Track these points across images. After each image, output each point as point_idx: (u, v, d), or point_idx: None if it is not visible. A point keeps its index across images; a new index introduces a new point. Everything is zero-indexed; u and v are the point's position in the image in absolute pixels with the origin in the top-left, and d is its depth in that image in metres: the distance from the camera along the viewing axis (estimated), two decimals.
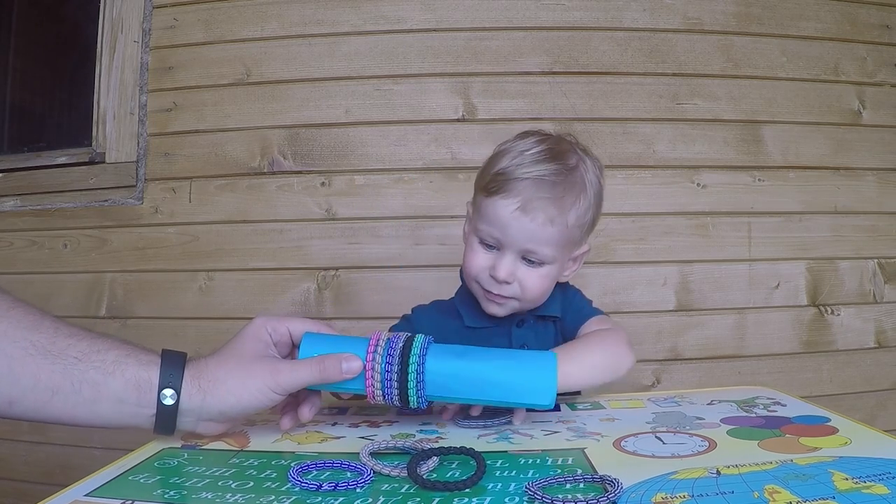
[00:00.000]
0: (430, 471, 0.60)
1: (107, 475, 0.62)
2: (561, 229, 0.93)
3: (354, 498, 0.54)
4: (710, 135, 1.70)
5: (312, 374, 0.69)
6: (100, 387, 0.63)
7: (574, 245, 0.99)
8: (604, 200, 1.02)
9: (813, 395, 1.65)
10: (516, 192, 0.93)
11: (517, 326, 1.03)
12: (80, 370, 0.63)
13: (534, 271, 0.95)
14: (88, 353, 0.64)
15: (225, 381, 0.67)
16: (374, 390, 0.71)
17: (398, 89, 1.69)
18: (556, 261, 0.96)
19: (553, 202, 0.92)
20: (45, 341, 0.63)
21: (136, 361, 0.65)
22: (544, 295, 0.99)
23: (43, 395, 0.62)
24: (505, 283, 0.95)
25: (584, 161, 0.99)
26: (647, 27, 1.69)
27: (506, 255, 0.95)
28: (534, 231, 0.93)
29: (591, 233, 1.03)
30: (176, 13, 1.74)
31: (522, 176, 0.93)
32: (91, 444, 1.71)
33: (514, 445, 0.69)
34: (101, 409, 0.64)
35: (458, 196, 1.66)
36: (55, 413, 0.64)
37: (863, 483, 0.52)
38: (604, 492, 0.52)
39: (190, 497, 0.56)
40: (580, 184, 0.96)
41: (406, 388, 0.71)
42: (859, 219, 1.72)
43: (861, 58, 1.74)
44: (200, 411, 0.67)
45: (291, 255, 1.68)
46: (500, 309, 0.99)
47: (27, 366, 0.62)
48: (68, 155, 1.81)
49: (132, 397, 0.65)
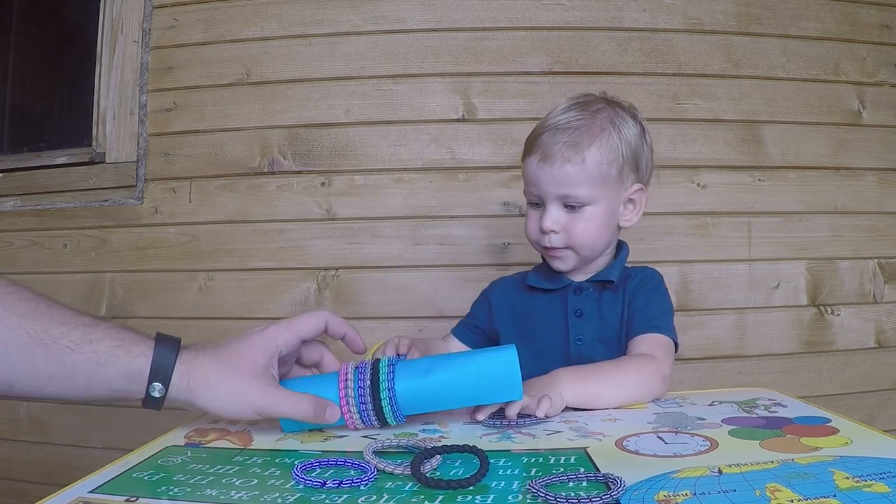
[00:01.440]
0: (433, 469, 0.60)
1: (110, 472, 0.62)
2: (580, 167, 0.98)
3: (358, 496, 0.54)
4: (710, 135, 1.70)
5: (297, 411, 0.70)
6: (92, 375, 0.65)
7: (614, 184, 1.01)
8: (651, 144, 1.06)
9: (813, 395, 1.65)
10: (538, 146, 1.00)
11: (574, 294, 1.05)
12: (73, 360, 0.64)
13: (577, 216, 1.00)
14: (81, 342, 0.65)
15: (213, 386, 0.68)
16: (352, 418, 0.73)
17: (398, 89, 1.69)
18: (597, 201, 1.00)
19: (568, 144, 0.98)
20: (39, 329, 0.64)
21: (128, 354, 0.66)
22: (596, 239, 1.02)
23: (39, 380, 0.64)
24: (552, 232, 1.00)
25: (612, 107, 1.04)
26: (647, 27, 1.70)
27: (548, 207, 1.01)
28: (556, 174, 0.98)
29: (639, 172, 1.04)
30: (176, 13, 1.74)
31: (543, 130, 1.01)
32: (91, 444, 1.72)
33: (516, 445, 0.69)
34: (93, 392, 0.66)
35: (458, 196, 1.66)
36: (52, 394, 0.66)
37: (864, 482, 0.52)
38: (606, 490, 0.52)
39: (194, 494, 0.56)
40: (601, 124, 1.00)
41: (381, 411, 0.73)
42: (859, 219, 1.72)
43: (861, 58, 1.74)
44: (184, 405, 0.69)
45: (291, 255, 1.69)
46: (561, 263, 1.04)
47: (23, 353, 0.64)
48: (68, 155, 1.81)
49: (123, 386, 0.66)
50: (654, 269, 1.10)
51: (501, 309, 1.12)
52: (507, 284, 1.16)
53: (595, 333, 1.03)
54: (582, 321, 1.04)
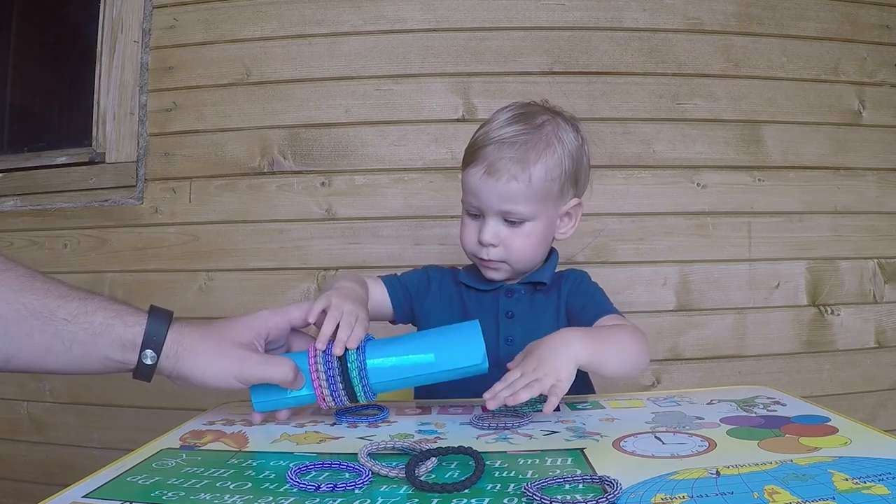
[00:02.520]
0: (428, 471, 0.60)
1: (105, 476, 0.62)
2: (526, 184, 0.97)
3: (353, 499, 0.54)
4: (710, 135, 1.69)
5: (277, 374, 0.73)
6: (88, 347, 0.68)
7: (555, 199, 1.01)
8: (588, 157, 1.06)
9: (813, 395, 1.64)
10: (483, 158, 0.98)
11: (506, 295, 1.06)
12: (71, 332, 0.67)
13: (517, 231, 1.00)
14: (77, 314, 0.67)
15: (198, 355, 0.71)
16: (322, 391, 0.75)
17: (398, 89, 1.69)
18: (538, 217, 0.99)
19: (515, 161, 0.97)
20: (36, 303, 0.66)
21: (123, 323, 0.69)
22: (533, 254, 1.02)
23: (37, 353, 0.67)
24: (491, 245, 1.00)
25: (555, 120, 1.02)
26: (647, 27, 1.69)
27: (487, 220, 1.00)
28: (500, 190, 0.97)
29: (577, 186, 1.04)
30: (176, 13, 1.74)
31: (487, 142, 0.99)
32: (91, 445, 1.72)
33: (512, 446, 0.69)
34: (89, 364, 0.69)
35: (458, 196, 1.65)
36: (49, 367, 0.68)
37: (863, 483, 0.52)
38: (603, 493, 0.52)
39: (188, 498, 0.56)
40: (546, 140, 0.99)
41: (351, 384, 0.75)
42: (859, 219, 1.72)
43: (861, 58, 1.74)
44: (171, 373, 0.72)
45: (291, 255, 1.68)
46: (496, 273, 1.04)
47: (21, 326, 0.66)
48: (68, 155, 1.81)
49: (117, 355, 0.69)
50: (581, 270, 1.11)
51: (438, 296, 1.10)
52: (444, 275, 1.14)
53: (527, 334, 1.01)
54: (513, 322, 1.04)
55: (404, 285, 1.12)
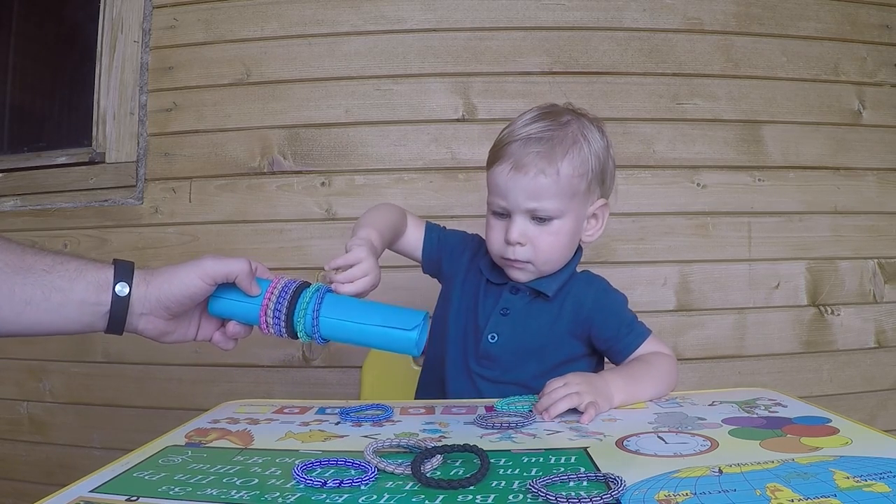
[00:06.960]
0: (433, 469, 0.60)
1: (111, 472, 0.62)
2: (554, 179, 0.96)
3: (359, 495, 0.54)
4: (710, 135, 1.70)
5: (238, 265, 0.78)
6: (66, 292, 0.72)
7: (582, 198, 1.00)
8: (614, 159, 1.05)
9: (813, 395, 1.65)
10: (509, 155, 0.98)
11: (510, 292, 1.04)
12: (49, 279, 0.72)
13: (544, 229, 0.98)
14: (53, 265, 0.73)
15: (162, 273, 0.77)
16: (266, 321, 0.79)
17: (398, 89, 1.69)
18: (565, 215, 0.98)
19: (542, 155, 0.96)
20: (14, 259, 0.72)
21: (94, 267, 0.75)
22: (560, 255, 1.01)
23: (18, 306, 0.71)
24: (518, 244, 0.98)
25: (580, 120, 1.02)
26: (647, 27, 1.69)
27: (515, 218, 0.98)
28: (528, 186, 0.96)
29: (603, 187, 1.03)
30: (176, 13, 1.74)
31: (513, 139, 0.98)
32: (91, 445, 1.72)
33: (517, 445, 0.69)
34: (67, 312, 0.73)
35: (458, 196, 1.66)
36: (25, 322, 0.72)
37: (864, 481, 0.52)
38: (607, 489, 0.52)
39: (195, 494, 0.56)
40: (573, 136, 0.99)
41: (292, 320, 0.78)
42: (859, 219, 1.72)
43: (861, 58, 1.74)
44: (144, 300, 0.76)
45: (291, 255, 1.68)
46: (521, 274, 1.02)
47: (3, 282, 0.70)
48: (68, 155, 1.81)
49: (92, 297, 0.73)
50: (600, 278, 1.08)
51: (467, 267, 1.11)
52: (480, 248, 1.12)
53: (515, 335, 1.02)
54: (504, 319, 1.03)
55: (442, 240, 1.13)
